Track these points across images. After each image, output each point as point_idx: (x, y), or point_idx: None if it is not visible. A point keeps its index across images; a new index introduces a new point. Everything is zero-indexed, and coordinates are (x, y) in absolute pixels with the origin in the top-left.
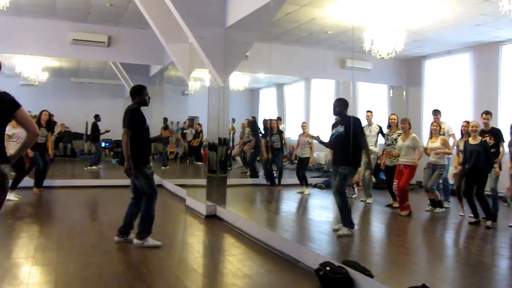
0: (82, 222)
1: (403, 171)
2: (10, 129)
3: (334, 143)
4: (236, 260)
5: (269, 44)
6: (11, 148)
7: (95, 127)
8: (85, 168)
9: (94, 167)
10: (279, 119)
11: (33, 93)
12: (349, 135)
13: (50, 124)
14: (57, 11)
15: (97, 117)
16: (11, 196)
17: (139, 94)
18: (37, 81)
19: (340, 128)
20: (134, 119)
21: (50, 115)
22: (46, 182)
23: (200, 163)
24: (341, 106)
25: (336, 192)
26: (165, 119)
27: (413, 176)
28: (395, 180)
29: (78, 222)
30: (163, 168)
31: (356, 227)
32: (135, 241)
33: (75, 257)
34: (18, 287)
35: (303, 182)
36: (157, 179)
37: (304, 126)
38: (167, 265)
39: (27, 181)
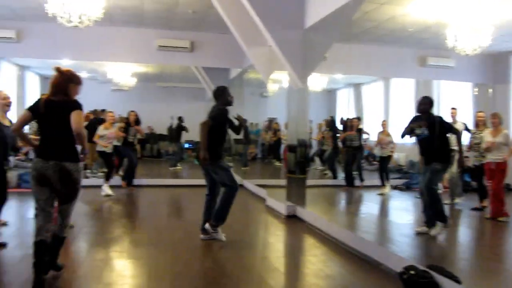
0: (169, 219)
1: (495, 170)
2: (102, 130)
3: (422, 146)
4: (318, 261)
5: (347, 44)
6: (101, 147)
7: (178, 128)
8: (170, 168)
9: (177, 167)
10: (358, 118)
11: (123, 97)
12: (435, 136)
13: (138, 123)
14: (145, 19)
15: (180, 119)
16: (106, 190)
17: (222, 95)
18: (127, 86)
19: (425, 131)
20: (218, 114)
21: (137, 115)
22: (135, 181)
23: (279, 164)
24: (426, 104)
25: (426, 188)
26: (245, 121)
27: (506, 174)
28: (489, 181)
29: (166, 219)
30: (243, 168)
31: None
32: (207, 225)
33: (165, 252)
34: (116, 278)
35: (384, 180)
36: (238, 179)
37: (384, 124)
38: (250, 263)
39: (117, 179)
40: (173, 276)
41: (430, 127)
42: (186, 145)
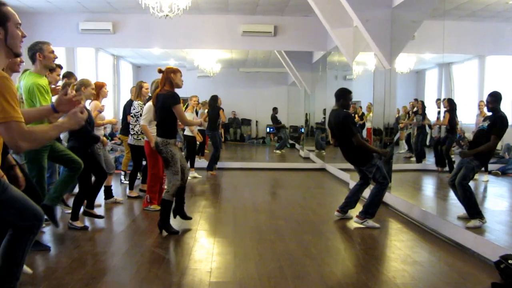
0: (254, 201)
1: None
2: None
3: (475, 136)
4: (404, 246)
5: (438, 21)
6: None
7: (275, 119)
8: (274, 151)
9: (280, 151)
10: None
11: (208, 83)
12: (489, 132)
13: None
14: (230, 6)
15: (275, 110)
16: (194, 174)
17: (344, 98)
18: (212, 73)
19: (485, 123)
20: (353, 124)
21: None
22: (219, 164)
23: None
24: (493, 102)
25: (459, 184)
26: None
27: None
28: None
29: (251, 201)
30: (323, 152)
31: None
32: (355, 219)
33: (250, 232)
34: (205, 255)
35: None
36: (320, 163)
37: (481, 105)
38: (335, 246)
39: (203, 162)
40: (258, 255)
41: (489, 124)
42: (268, 129)
